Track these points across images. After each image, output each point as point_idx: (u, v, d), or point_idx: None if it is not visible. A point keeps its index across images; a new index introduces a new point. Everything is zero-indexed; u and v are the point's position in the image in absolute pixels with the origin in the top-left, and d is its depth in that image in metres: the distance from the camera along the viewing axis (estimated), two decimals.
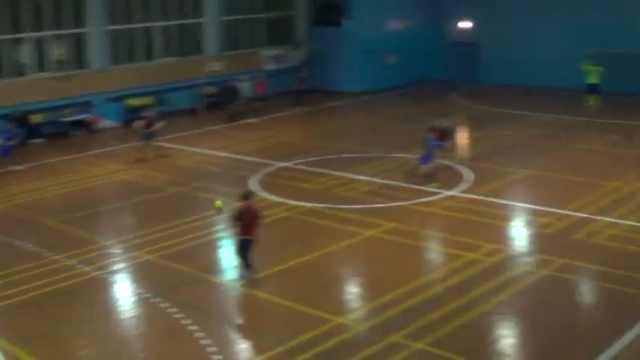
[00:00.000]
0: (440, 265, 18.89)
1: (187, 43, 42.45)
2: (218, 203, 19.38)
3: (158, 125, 31.24)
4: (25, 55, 36.48)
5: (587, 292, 17.28)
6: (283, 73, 45.30)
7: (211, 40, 42.93)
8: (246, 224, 17.55)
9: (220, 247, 20.79)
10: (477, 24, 47.99)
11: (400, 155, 29.38)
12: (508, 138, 32.16)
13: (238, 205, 18.05)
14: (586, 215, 21.79)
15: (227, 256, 20.09)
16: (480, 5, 47.32)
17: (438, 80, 48.35)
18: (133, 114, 37.44)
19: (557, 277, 17.55)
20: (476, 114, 38.30)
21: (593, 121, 35.23)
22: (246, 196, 18.14)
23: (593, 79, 37.31)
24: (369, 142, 32.42)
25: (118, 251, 20.30)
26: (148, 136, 30.75)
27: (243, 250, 17.75)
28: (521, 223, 22.00)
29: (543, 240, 20.15)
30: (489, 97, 42.91)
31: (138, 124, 31.04)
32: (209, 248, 20.65)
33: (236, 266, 18.39)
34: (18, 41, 36.11)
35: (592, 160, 28.51)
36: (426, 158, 25.70)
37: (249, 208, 17.70)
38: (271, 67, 45.32)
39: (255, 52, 45.13)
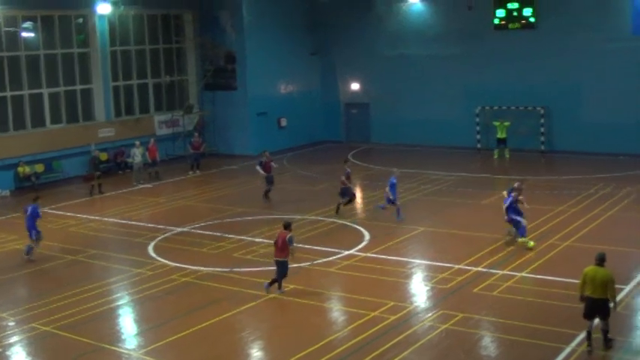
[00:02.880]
0: (343, 325, 18.85)
1: (78, 109, 41.87)
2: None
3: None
4: None
5: (488, 344, 17.49)
6: (176, 138, 45.15)
7: (102, 105, 42.46)
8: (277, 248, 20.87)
9: (119, 316, 20.36)
10: (367, 85, 48.84)
11: (297, 216, 29.45)
12: (403, 196, 32.58)
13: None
14: (483, 269, 22.21)
15: (126, 324, 19.76)
16: (371, 67, 48.23)
17: (333, 141, 48.91)
18: (23, 182, 36.76)
19: (459, 331, 17.78)
20: (370, 174, 38.81)
21: (485, 176, 36.15)
22: (287, 225, 21.21)
23: (501, 134, 41.21)
24: (265, 204, 32.42)
25: (13, 323, 19.63)
26: (269, 180, 33.22)
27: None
28: (421, 279, 22.27)
29: (443, 295, 20.40)
30: (382, 157, 43.58)
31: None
32: (108, 317, 20.15)
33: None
34: None
35: (485, 216, 29.10)
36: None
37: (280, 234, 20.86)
38: (164, 131, 45.06)
39: (147, 117, 44.86)
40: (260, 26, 45.97)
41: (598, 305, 16.32)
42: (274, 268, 21.16)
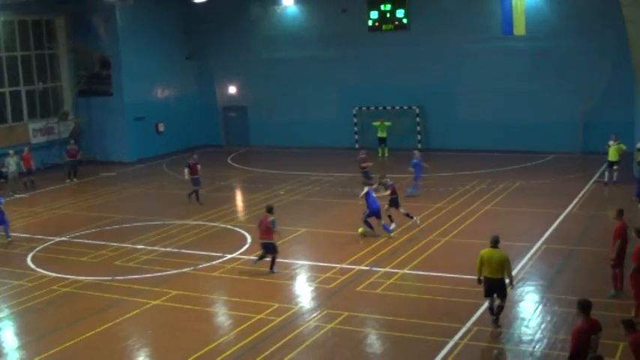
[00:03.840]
0: (229, 329, 18.85)
1: None
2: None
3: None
4: None
5: (374, 341, 17.81)
6: (52, 146, 44.22)
7: None
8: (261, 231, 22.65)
9: None
10: (245, 88, 48.89)
11: (178, 222, 29.32)
12: (284, 198, 32.80)
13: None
14: (365, 268, 22.58)
15: (7, 337, 19.33)
16: (247, 70, 48.32)
17: (212, 145, 48.77)
18: None
19: (344, 330, 18.04)
20: (250, 176, 38.91)
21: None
22: (269, 209, 22.98)
23: (382, 134, 42.35)
24: (145, 210, 32.08)
25: None
26: (196, 182, 32.78)
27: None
28: (305, 280, 22.46)
29: (327, 294, 20.64)
30: (261, 160, 43.75)
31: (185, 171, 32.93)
32: None
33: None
34: None
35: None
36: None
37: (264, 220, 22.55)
38: (39, 139, 44.05)
39: (21, 125, 43.76)
40: (134, 31, 45.43)
41: (496, 285, 17.43)
42: (157, 274, 20.97)
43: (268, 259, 22.71)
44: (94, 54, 45.81)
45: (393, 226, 26.65)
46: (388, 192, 27.14)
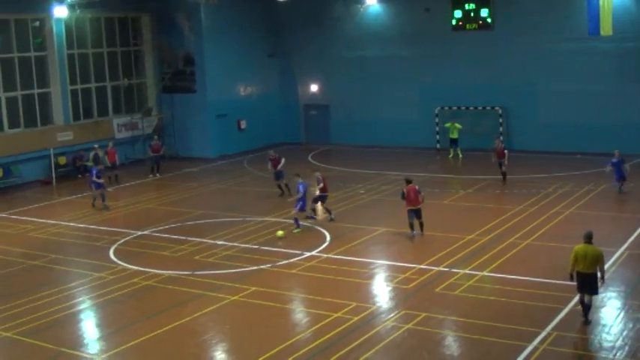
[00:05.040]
0: (306, 326, 18.86)
1: (36, 113, 41.50)
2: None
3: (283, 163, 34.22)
4: None
5: (452, 343, 17.62)
6: (136, 141, 44.95)
7: (60, 109, 42.12)
8: (408, 200, 25.92)
9: (81, 320, 20.25)
10: (326, 86, 48.95)
11: (258, 219, 29.49)
12: (364, 197, 32.72)
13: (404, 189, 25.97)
14: (444, 269, 22.36)
15: (87, 328, 19.68)
16: (329, 69, 48.39)
17: (293, 143, 48.96)
18: None
19: (422, 331, 17.89)
20: (330, 174, 38.85)
21: (445, 177, 36.48)
22: (408, 180, 26.31)
23: (454, 135, 41.81)
24: (226, 207, 32.35)
25: None
26: (278, 176, 33.89)
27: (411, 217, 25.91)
28: (383, 280, 22.37)
29: (405, 295, 20.52)
30: (342, 158, 43.75)
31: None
32: (69, 322, 20.00)
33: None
34: None
35: (445, 215, 29.37)
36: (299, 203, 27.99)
37: (411, 189, 25.91)
38: (123, 135, 44.82)
39: (105, 121, 44.58)
40: (218, 28, 45.89)
41: (589, 280, 17.66)
42: (236, 270, 21.08)
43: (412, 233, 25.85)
44: (178, 51, 46.41)
45: (318, 218, 29.08)
46: (319, 186, 29.26)
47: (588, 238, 17.83)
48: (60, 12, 40.28)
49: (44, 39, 41.73)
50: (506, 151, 34.44)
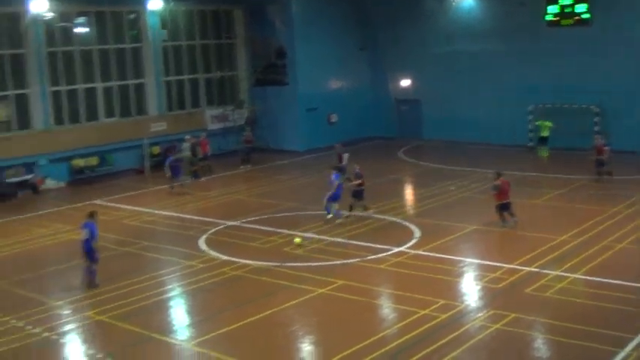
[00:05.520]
0: (393, 322, 18.80)
1: (131, 103, 42.33)
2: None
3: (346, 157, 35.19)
4: None
5: (540, 346, 17.33)
6: (228, 133, 45.43)
7: (154, 100, 42.87)
8: (502, 193, 26.49)
9: (171, 307, 20.58)
10: (418, 81, 48.67)
11: (347, 212, 29.46)
12: (454, 194, 32.44)
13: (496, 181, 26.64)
14: (535, 269, 21.98)
15: (177, 315, 19.97)
16: (421, 63, 48.08)
17: (383, 137, 48.84)
18: (77, 174, 37.48)
19: (510, 332, 17.63)
20: (420, 171, 38.74)
21: (537, 175, 35.91)
22: (499, 174, 26.85)
23: (544, 133, 40.68)
24: (315, 199, 32.36)
25: (68, 312, 19.97)
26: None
27: (502, 209, 26.54)
28: (472, 278, 22.11)
29: (494, 294, 20.25)
30: (433, 154, 43.46)
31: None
32: (160, 308, 20.38)
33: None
34: None
35: (537, 214, 28.86)
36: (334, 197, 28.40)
37: (503, 182, 26.51)
38: (215, 126, 45.38)
39: (198, 112, 45.19)
40: (309, 22, 46.08)
41: None
42: (324, 263, 21.11)
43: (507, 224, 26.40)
44: (271, 44, 46.73)
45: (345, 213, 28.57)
46: (357, 182, 28.90)
47: None
48: (154, 5, 40.99)
49: (139, 31, 42.50)
50: (606, 148, 33.73)
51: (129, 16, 42.43)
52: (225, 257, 24.26)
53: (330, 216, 28.31)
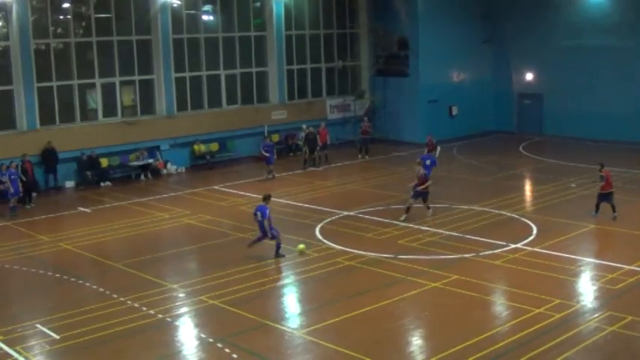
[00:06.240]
0: (505, 320, 18.57)
1: (253, 91, 42.93)
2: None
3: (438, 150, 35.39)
4: (95, 100, 37.23)
5: None
6: (347, 123, 45.60)
7: (276, 88, 43.37)
8: (607, 183, 27.07)
9: (283, 295, 20.83)
10: (541, 75, 47.78)
11: (464, 207, 29.23)
12: (575, 191, 31.77)
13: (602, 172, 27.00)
14: None
15: (289, 303, 20.19)
16: (544, 57, 47.16)
17: (503, 132, 48.20)
18: (198, 160, 38.32)
19: (626, 335, 17.16)
20: (541, 166, 38.06)
21: None
22: (602, 165, 27.19)
23: None
24: (432, 193, 32.13)
25: (183, 295, 20.42)
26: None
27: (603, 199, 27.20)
28: (589, 278, 21.63)
29: (611, 296, 19.76)
30: (554, 150, 42.62)
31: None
32: (272, 295, 20.70)
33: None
34: (88, 87, 36.93)
35: None
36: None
37: (607, 173, 27.12)
38: (335, 116, 45.62)
39: (318, 101, 45.49)
40: (433, 13, 45.77)
41: None
42: (439, 257, 21.01)
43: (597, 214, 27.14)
44: (393, 35, 46.63)
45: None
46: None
47: None
48: None
49: (264, 19, 43.01)
50: None
51: (254, 4, 42.99)
52: (339, 247, 24.39)
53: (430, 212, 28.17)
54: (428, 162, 31.40)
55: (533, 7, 46.99)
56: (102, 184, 35.28)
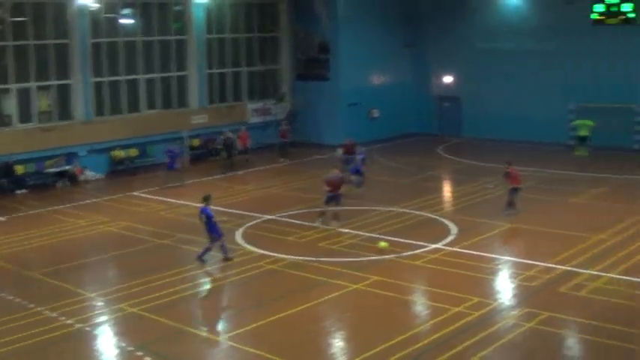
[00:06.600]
0: (426, 319, 18.77)
1: (172, 95, 42.57)
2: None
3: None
4: (10, 106, 36.45)
5: (574, 345, 17.20)
6: (267, 126, 45.55)
7: (196, 92, 43.08)
8: (513, 178, 27.75)
9: (204, 300, 20.68)
10: (460, 78, 48.43)
11: (384, 208, 29.42)
12: (492, 191, 32.22)
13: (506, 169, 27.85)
14: (570, 268, 21.80)
15: (210, 309, 20.06)
16: (463, 60, 47.84)
17: (423, 134, 48.66)
18: (117, 166, 37.79)
19: (543, 331, 17.49)
20: (460, 167, 38.56)
21: (576, 174, 35.60)
22: (508, 162, 28.07)
23: (583, 132, 39.59)
24: (353, 195, 32.32)
25: (102, 303, 20.10)
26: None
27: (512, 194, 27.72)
28: (507, 276, 21.98)
29: (528, 293, 20.12)
30: (472, 151, 43.20)
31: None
32: (193, 301, 20.52)
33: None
34: (3, 92, 36.16)
35: (575, 213, 28.71)
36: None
37: (512, 170, 27.77)
38: (256, 119, 45.54)
39: (239, 105, 45.35)
40: (354, 17, 46.00)
41: None
42: (360, 259, 21.09)
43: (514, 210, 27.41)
44: (314, 38, 46.74)
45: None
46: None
47: None
48: None
49: (184, 23, 42.72)
50: None
51: (175, 8, 42.65)
52: (260, 251, 24.32)
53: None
54: (360, 157, 32.84)
55: (453, 11, 47.66)
56: (17, 191, 34.52)
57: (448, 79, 49.06)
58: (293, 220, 28.27)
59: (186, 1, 42.09)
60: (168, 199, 32.26)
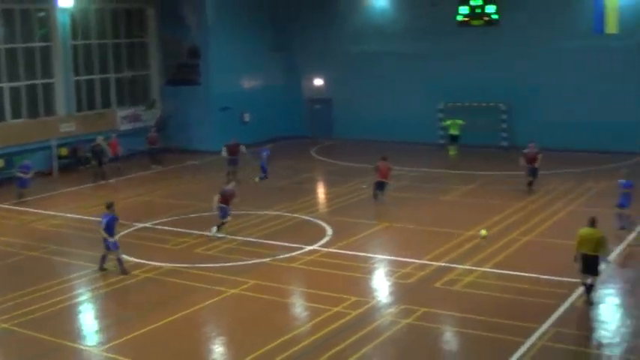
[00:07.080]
0: (305, 320, 18.86)
1: (39, 103, 41.48)
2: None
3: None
4: None
5: (450, 339, 17.63)
6: (139, 133, 44.89)
7: (63, 100, 42.10)
8: (381, 172, 30.26)
9: (80, 312, 20.25)
10: (330, 80, 48.91)
11: (259, 212, 29.45)
12: (365, 192, 32.63)
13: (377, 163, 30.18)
14: (444, 264, 22.35)
15: (87, 321, 19.67)
16: (333, 63, 48.32)
17: (296, 137, 48.88)
18: None
19: (421, 326, 17.87)
20: (333, 169, 38.92)
21: (447, 172, 36.48)
22: (384, 157, 30.63)
23: (454, 131, 41.28)
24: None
25: None
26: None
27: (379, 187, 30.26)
28: (383, 275, 22.36)
29: (405, 290, 20.51)
30: (345, 153, 43.65)
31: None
32: (69, 314, 20.02)
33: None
34: None
35: (447, 210, 29.41)
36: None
37: (381, 164, 30.15)
38: (126, 126, 44.83)
39: (109, 112, 44.57)
40: (223, 22, 45.85)
41: (592, 261, 18.79)
42: (237, 263, 21.09)
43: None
44: (183, 43, 46.38)
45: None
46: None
47: (592, 223, 19.07)
48: (65, 2, 40.30)
49: (49, 29, 41.71)
50: (539, 156, 31.90)
51: (38, 14, 41.55)
52: (135, 260, 23.96)
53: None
54: (265, 153, 35.26)
55: (321, 15, 48.05)
56: None
57: (319, 81, 49.44)
58: (167, 227, 27.97)
59: (50, 7, 41.08)
60: (40, 210, 31.40)
